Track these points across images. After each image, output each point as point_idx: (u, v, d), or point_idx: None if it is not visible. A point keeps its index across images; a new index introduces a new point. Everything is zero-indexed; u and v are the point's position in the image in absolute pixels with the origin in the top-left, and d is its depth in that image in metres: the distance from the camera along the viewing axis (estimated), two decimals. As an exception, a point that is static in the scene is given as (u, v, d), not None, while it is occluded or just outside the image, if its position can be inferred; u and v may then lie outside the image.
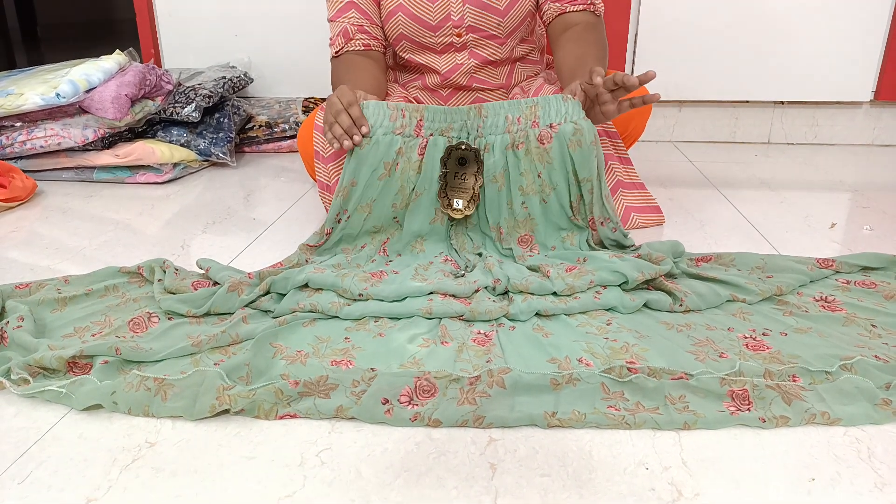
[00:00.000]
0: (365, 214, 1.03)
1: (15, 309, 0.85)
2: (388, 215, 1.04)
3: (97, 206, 1.40)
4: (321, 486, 0.59)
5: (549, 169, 1.01)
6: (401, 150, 1.01)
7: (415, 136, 1.02)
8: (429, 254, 1.03)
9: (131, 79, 1.51)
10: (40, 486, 0.59)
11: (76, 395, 0.70)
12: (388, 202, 1.03)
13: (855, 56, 1.72)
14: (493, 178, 1.02)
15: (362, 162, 1.00)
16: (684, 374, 0.70)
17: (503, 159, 1.01)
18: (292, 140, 1.81)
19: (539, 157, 1.00)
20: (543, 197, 1.02)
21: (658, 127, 1.88)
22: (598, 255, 0.97)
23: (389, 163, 1.00)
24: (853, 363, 0.72)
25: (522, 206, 1.02)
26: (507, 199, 1.03)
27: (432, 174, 1.02)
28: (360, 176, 1.00)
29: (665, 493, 0.57)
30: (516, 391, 0.69)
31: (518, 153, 1.01)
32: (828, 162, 1.67)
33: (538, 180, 1.01)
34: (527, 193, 1.02)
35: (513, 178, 1.02)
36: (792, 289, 0.92)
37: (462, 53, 1.17)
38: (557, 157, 1.00)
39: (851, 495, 0.57)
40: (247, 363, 0.74)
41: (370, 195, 1.01)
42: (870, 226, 1.21)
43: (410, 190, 1.02)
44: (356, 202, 1.02)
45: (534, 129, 1.00)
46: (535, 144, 1.00)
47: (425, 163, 1.01)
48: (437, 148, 1.02)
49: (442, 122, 1.02)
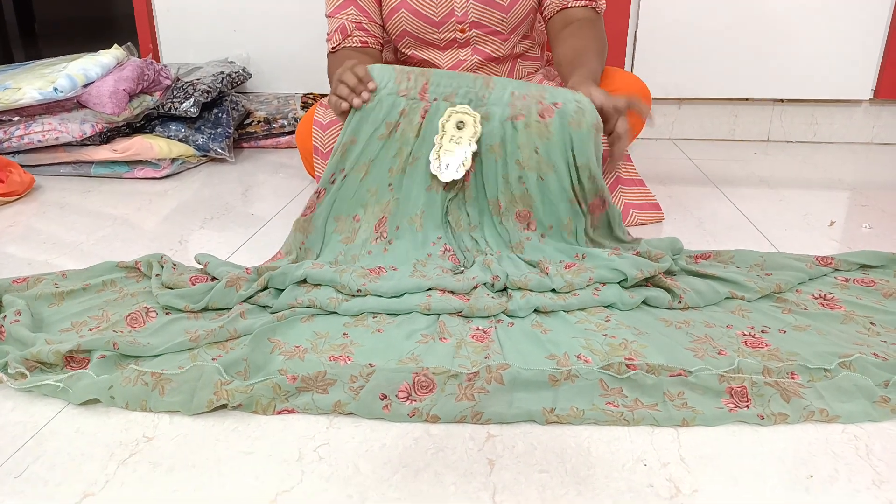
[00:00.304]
0: (361, 175, 1.00)
1: (12, 303, 0.85)
2: (385, 180, 1.01)
3: (95, 201, 1.40)
4: (319, 482, 0.59)
5: (547, 145, 0.98)
6: (404, 111, 0.99)
7: (419, 99, 1.00)
8: (427, 236, 1.01)
9: (129, 74, 1.50)
10: (37, 480, 0.59)
11: (73, 390, 0.70)
12: (385, 164, 1.00)
13: (854, 54, 1.72)
14: (490, 147, 1.00)
15: (364, 119, 0.98)
16: (683, 371, 0.70)
17: (501, 129, 1.00)
18: (291, 136, 1.81)
19: (539, 132, 0.98)
20: (541, 174, 0.99)
21: (657, 124, 1.88)
22: (596, 253, 0.97)
23: (391, 123, 0.99)
24: (852, 361, 0.72)
25: (520, 181, 1.00)
26: (503, 172, 1.01)
27: (431, 139, 1.00)
28: (361, 134, 0.99)
29: (663, 490, 0.57)
30: (515, 387, 0.69)
31: (517, 125, 0.99)
32: (827, 160, 1.67)
33: (535, 156, 0.99)
34: (524, 168, 1.00)
35: (510, 150, 1.00)
36: (791, 286, 0.92)
37: (465, 49, 1.17)
38: (557, 133, 0.97)
39: (849, 492, 0.57)
40: (245, 358, 0.73)
41: (369, 154, 1.00)
42: (869, 224, 1.21)
43: (408, 153, 1.00)
44: (354, 161, 1.00)
45: (538, 106, 0.98)
46: (536, 119, 0.98)
47: (425, 127, 1.00)
48: (438, 113, 1.00)
49: (447, 86, 1.01)
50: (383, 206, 1.02)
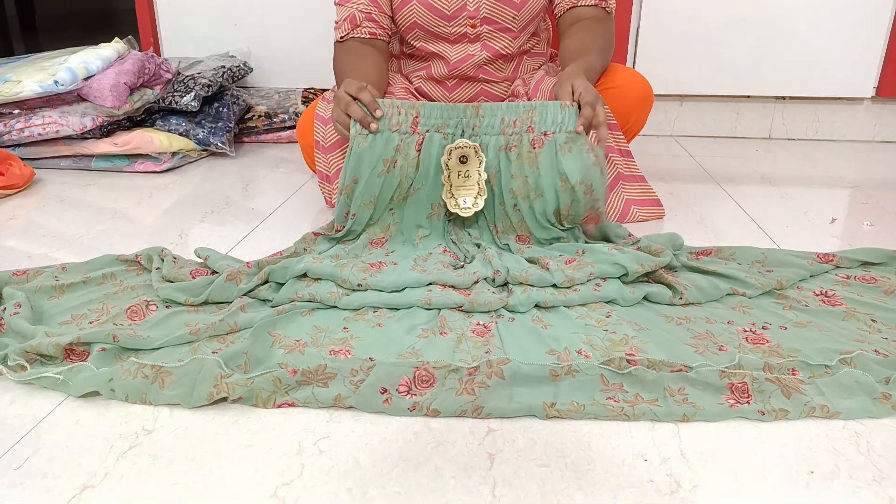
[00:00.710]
0: (370, 212, 1.03)
1: (12, 296, 0.85)
2: (386, 207, 1.03)
3: (95, 194, 1.39)
4: (319, 475, 0.58)
5: (535, 174, 1.00)
6: (398, 146, 1.00)
7: (411, 133, 1.01)
8: (428, 246, 1.03)
9: (130, 67, 1.50)
10: (36, 472, 0.59)
11: (73, 382, 0.69)
12: (387, 197, 1.03)
13: (857, 52, 1.72)
14: (488, 178, 1.03)
15: (362, 160, 1.00)
16: (684, 367, 0.70)
17: (496, 160, 1.02)
18: (291, 131, 1.80)
19: (529, 161, 1.00)
20: (531, 203, 1.02)
21: (659, 121, 1.87)
22: (597, 248, 0.97)
23: (388, 160, 1.00)
24: (853, 357, 0.72)
25: (515, 208, 1.03)
26: (500, 201, 1.03)
27: (429, 170, 1.02)
28: (362, 173, 1.00)
29: (663, 485, 0.57)
30: (515, 382, 0.68)
31: (510, 156, 1.01)
32: (828, 158, 1.67)
33: (526, 184, 1.01)
34: (517, 196, 1.02)
35: (504, 180, 1.02)
36: (792, 283, 0.92)
37: (475, 45, 1.17)
38: (546, 162, 0.99)
39: (850, 489, 0.57)
40: (245, 352, 0.73)
41: (372, 192, 1.01)
42: (870, 221, 1.20)
43: (409, 185, 1.02)
44: (360, 200, 1.02)
45: (528, 134, 1.01)
46: (528, 149, 1.01)
47: (422, 159, 1.01)
48: (433, 144, 1.01)
49: (438, 118, 1.02)
50: (384, 228, 1.04)
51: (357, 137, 1.00)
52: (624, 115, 1.17)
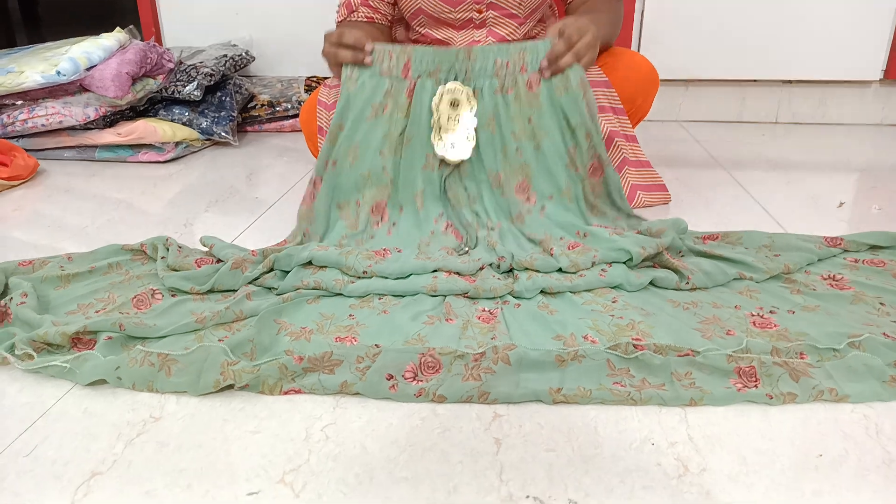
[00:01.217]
0: (350, 160, 1.00)
1: (18, 286, 0.85)
2: (377, 164, 1.00)
3: (99, 185, 1.39)
4: (326, 461, 0.59)
5: (538, 114, 0.99)
6: (388, 90, 0.99)
7: (402, 78, 1.00)
8: (428, 213, 1.01)
9: (132, 57, 1.49)
10: (45, 460, 0.59)
11: (80, 371, 0.70)
12: (374, 146, 1.00)
13: (864, 35, 1.69)
14: (486, 123, 1.01)
15: (349, 104, 0.99)
16: (691, 351, 0.70)
17: (493, 103, 1.00)
18: (294, 119, 1.80)
19: (528, 102, 0.99)
20: (537, 143, 1.00)
21: (664, 106, 1.86)
22: (598, 232, 0.97)
23: (377, 104, 0.99)
24: (861, 341, 0.72)
25: (517, 151, 1.01)
26: (500, 145, 1.02)
27: (420, 117, 1.00)
28: (347, 118, 0.99)
29: (671, 469, 0.57)
30: (521, 368, 0.68)
31: (507, 98, 1.00)
32: (836, 142, 1.65)
33: (529, 126, 1.00)
34: (519, 139, 1.00)
35: (503, 122, 1.00)
36: (799, 267, 0.91)
37: (481, 31, 1.15)
38: (546, 102, 0.99)
39: (859, 472, 0.57)
40: (251, 339, 0.73)
41: (356, 137, 0.99)
42: (878, 205, 1.19)
43: (399, 134, 1.00)
44: (344, 147, 1.00)
45: (522, 75, 1.00)
46: (525, 90, 0.99)
47: (414, 105, 0.99)
48: (425, 90, 1.00)
49: (430, 63, 1.00)
50: (380, 189, 1.02)
51: (347, 82, 0.99)
52: (629, 99, 1.15)
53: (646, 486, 0.55)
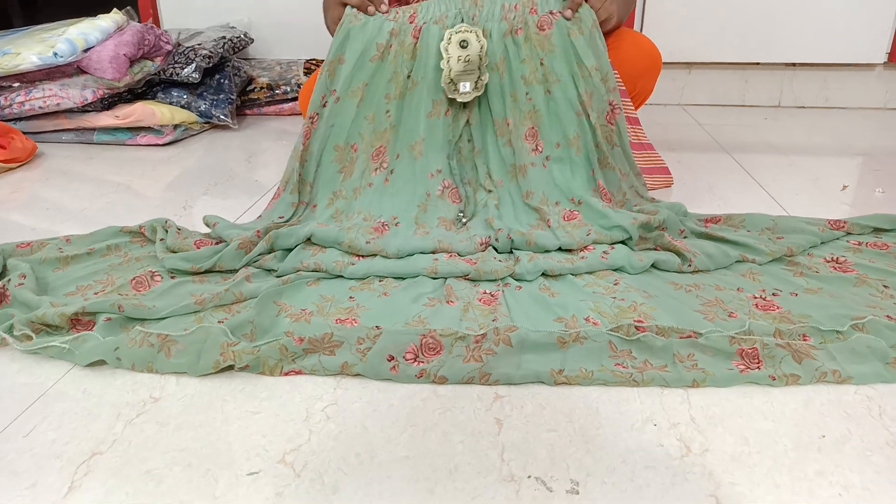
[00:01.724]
0: (357, 99, 0.98)
1: (16, 267, 0.85)
2: (381, 106, 0.99)
3: (98, 167, 1.38)
4: (327, 440, 0.58)
5: (551, 57, 0.98)
6: (394, 31, 0.98)
7: (408, 23, 0.99)
8: (427, 164, 1.00)
9: (129, 38, 1.48)
10: (44, 439, 0.59)
11: (79, 352, 0.69)
12: (380, 89, 0.99)
13: (868, 17, 1.68)
14: (494, 65, 0.99)
15: (350, 38, 0.97)
16: (693, 333, 0.69)
17: (502, 45, 0.98)
18: (294, 102, 1.78)
19: (540, 43, 0.97)
20: (548, 87, 0.98)
21: (667, 89, 1.84)
22: (592, 203, 0.96)
23: (382, 44, 0.97)
24: (864, 323, 0.71)
25: (526, 96, 0.99)
26: (510, 90, 1.00)
27: (427, 60, 0.98)
28: (349, 52, 0.97)
29: (673, 450, 0.57)
30: (523, 349, 0.68)
31: (517, 39, 0.98)
32: (839, 125, 1.64)
33: (541, 68, 0.98)
34: (530, 83, 0.99)
35: (514, 65, 0.99)
36: (802, 250, 0.91)
37: None
38: (559, 44, 0.97)
39: (862, 453, 0.56)
40: (251, 320, 0.73)
41: (361, 77, 0.98)
42: (882, 188, 1.19)
43: (405, 77, 0.98)
44: (346, 83, 0.98)
45: (532, 16, 0.98)
46: (535, 31, 0.98)
47: (420, 48, 0.98)
48: (431, 34, 0.98)
49: (436, 10, 0.99)
50: (380, 134, 1.00)
51: (348, 16, 0.98)
52: (632, 80, 1.14)
53: (648, 466, 0.55)
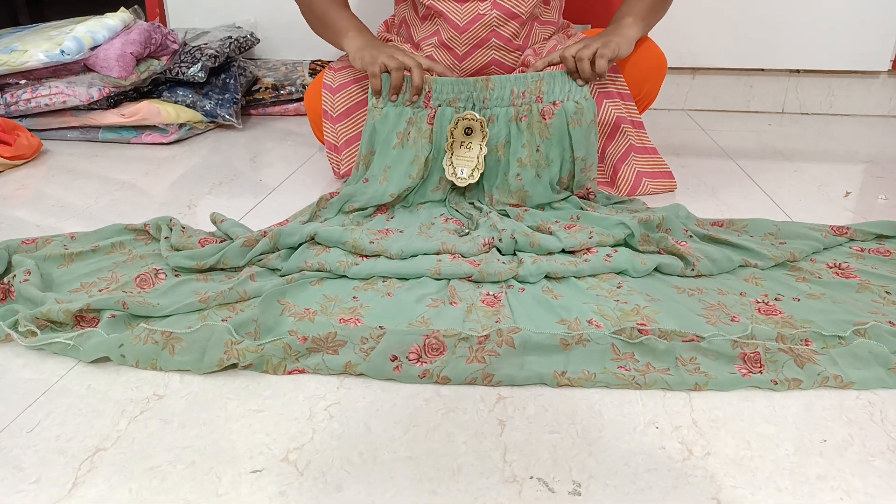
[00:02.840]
0: (381, 180, 1.06)
1: (21, 263, 0.85)
2: (405, 185, 1.05)
3: (103, 165, 1.39)
4: (330, 439, 0.59)
5: (547, 144, 1.05)
6: (411, 119, 1.05)
7: (423, 108, 1.06)
8: (430, 214, 1.05)
9: (136, 37, 1.48)
10: (48, 435, 0.59)
11: (84, 348, 0.70)
12: (402, 170, 1.05)
13: (873, 24, 1.68)
14: (495, 147, 1.06)
15: (376, 132, 1.05)
16: (696, 336, 0.69)
17: (506, 130, 1.05)
18: (299, 103, 1.79)
19: (540, 131, 1.04)
20: (538, 171, 1.05)
21: (671, 95, 1.85)
22: (589, 213, 1.00)
23: (401, 132, 1.05)
24: (867, 328, 0.71)
25: (517, 177, 1.05)
26: (504, 170, 1.06)
27: (442, 143, 1.05)
28: (377, 145, 1.06)
29: (675, 453, 0.57)
30: (526, 350, 0.68)
31: (521, 126, 1.05)
32: (843, 132, 1.64)
33: (536, 154, 1.05)
34: (524, 165, 1.05)
35: (513, 149, 1.05)
36: (805, 255, 0.91)
37: (484, 3, 1.14)
38: (556, 133, 1.04)
39: (863, 457, 0.56)
40: (255, 319, 0.73)
41: (386, 162, 1.05)
42: (885, 195, 1.19)
43: (425, 158, 1.05)
44: (376, 170, 1.06)
45: (538, 104, 1.04)
46: (538, 119, 1.04)
47: (435, 132, 1.05)
48: (444, 118, 1.05)
49: (449, 93, 1.06)
50: (391, 199, 1.07)
51: (373, 111, 1.05)
52: (637, 84, 1.15)
53: (650, 468, 0.55)
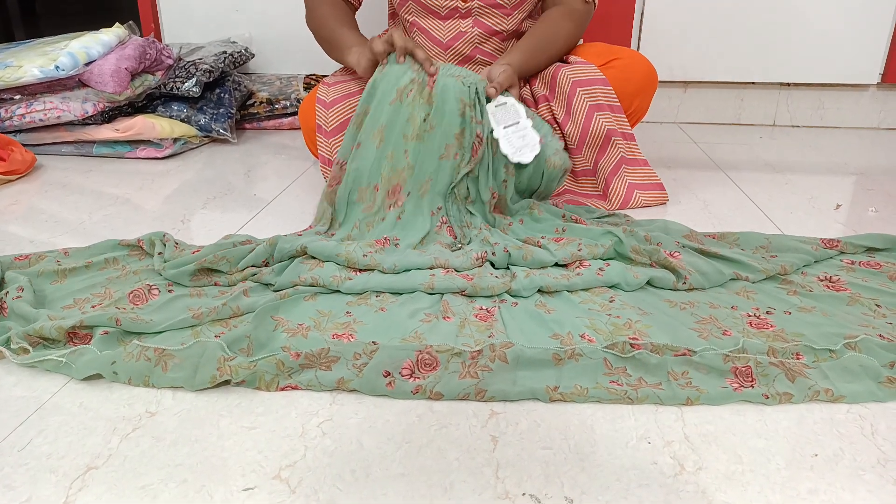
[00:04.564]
0: (377, 142, 1.03)
1: (14, 280, 0.85)
2: (400, 146, 1.03)
3: (97, 180, 1.39)
4: (322, 457, 0.58)
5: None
6: (414, 79, 1.03)
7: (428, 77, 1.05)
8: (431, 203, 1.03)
9: (131, 52, 1.49)
10: (40, 453, 0.59)
11: (76, 365, 0.69)
12: (397, 129, 1.03)
13: (862, 38, 1.70)
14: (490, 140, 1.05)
15: (376, 87, 1.03)
16: (687, 351, 0.70)
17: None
18: (293, 117, 1.79)
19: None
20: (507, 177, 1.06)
21: (662, 108, 1.86)
22: (574, 226, 1.01)
23: (401, 88, 1.03)
24: (857, 342, 0.72)
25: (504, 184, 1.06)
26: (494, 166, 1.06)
27: (443, 106, 1.02)
28: (374, 102, 1.03)
29: (667, 467, 0.57)
30: (518, 365, 0.68)
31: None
32: (833, 145, 1.66)
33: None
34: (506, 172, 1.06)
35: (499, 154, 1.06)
36: (796, 268, 0.91)
37: (466, 21, 1.16)
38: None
39: (854, 471, 0.57)
40: (248, 335, 0.73)
41: (381, 120, 1.03)
42: (875, 207, 1.20)
43: (422, 119, 1.02)
44: (368, 130, 1.03)
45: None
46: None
47: (436, 94, 1.02)
48: (448, 85, 1.02)
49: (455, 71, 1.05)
50: (399, 172, 1.03)
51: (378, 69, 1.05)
52: (627, 98, 1.16)
53: (642, 484, 0.55)
